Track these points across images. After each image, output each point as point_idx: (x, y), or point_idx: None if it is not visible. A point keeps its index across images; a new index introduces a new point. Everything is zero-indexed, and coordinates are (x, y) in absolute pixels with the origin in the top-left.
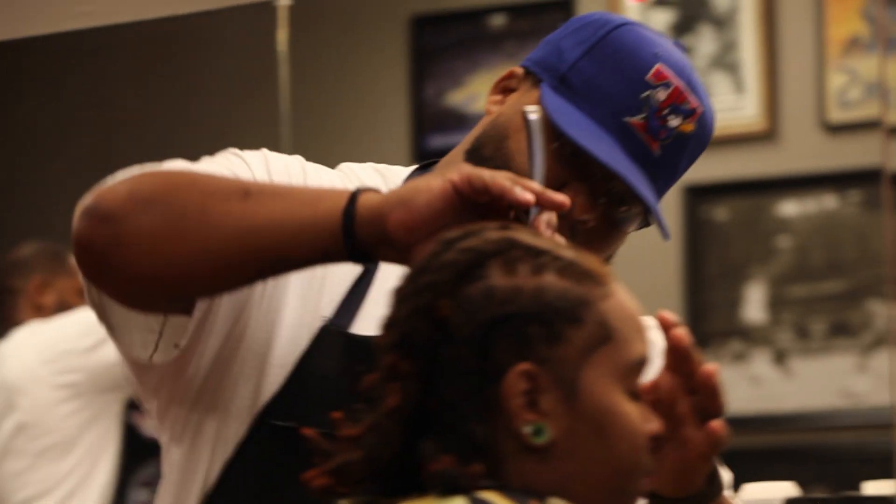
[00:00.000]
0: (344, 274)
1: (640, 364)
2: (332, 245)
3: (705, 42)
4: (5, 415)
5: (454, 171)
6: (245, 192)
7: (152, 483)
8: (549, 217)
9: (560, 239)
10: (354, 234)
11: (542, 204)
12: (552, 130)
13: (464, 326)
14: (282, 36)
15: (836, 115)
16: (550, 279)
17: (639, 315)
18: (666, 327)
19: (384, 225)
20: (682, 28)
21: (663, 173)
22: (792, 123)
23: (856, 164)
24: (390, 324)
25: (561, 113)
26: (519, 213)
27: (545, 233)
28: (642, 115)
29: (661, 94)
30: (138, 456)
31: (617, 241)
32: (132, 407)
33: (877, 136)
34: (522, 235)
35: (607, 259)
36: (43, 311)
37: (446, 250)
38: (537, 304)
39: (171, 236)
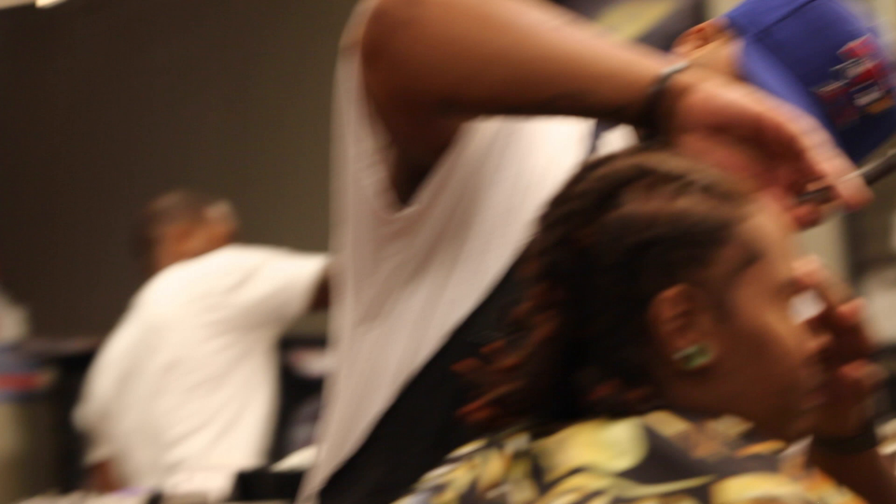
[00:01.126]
0: None
1: (791, 283)
2: (637, 97)
3: None
4: (154, 354)
5: (776, 107)
6: (564, 22)
7: (314, 419)
8: (817, 214)
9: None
10: (663, 95)
11: (839, 190)
12: (747, 82)
13: (607, 254)
14: None
15: None
16: (691, 202)
17: (787, 233)
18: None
19: (683, 96)
20: None
21: (843, 150)
22: None
23: None
24: (536, 253)
25: (761, 67)
26: (798, 187)
27: (793, 221)
28: (833, 87)
29: (856, 70)
30: (296, 395)
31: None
32: (287, 346)
33: None
34: (658, 160)
35: None
36: (184, 259)
37: (584, 178)
38: (679, 229)
39: (471, 35)
